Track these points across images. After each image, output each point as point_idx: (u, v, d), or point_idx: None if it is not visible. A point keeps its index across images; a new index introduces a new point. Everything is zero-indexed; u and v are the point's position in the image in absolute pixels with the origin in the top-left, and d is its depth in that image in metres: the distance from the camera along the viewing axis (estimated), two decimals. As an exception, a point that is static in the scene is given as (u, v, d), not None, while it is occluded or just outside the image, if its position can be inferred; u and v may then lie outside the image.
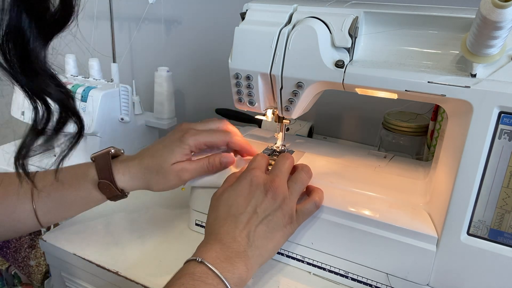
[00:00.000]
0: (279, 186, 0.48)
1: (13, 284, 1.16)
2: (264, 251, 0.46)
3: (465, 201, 0.44)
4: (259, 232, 0.46)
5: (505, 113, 0.41)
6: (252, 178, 0.48)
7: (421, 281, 0.48)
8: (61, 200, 0.53)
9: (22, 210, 0.51)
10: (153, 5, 0.99)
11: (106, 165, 0.53)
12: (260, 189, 0.47)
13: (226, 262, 0.42)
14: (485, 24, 0.36)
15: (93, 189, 0.53)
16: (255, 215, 0.46)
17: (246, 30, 0.54)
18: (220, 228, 0.45)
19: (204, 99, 1.16)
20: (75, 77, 0.98)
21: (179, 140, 0.54)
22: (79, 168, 0.54)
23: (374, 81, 0.48)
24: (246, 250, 0.44)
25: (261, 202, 0.47)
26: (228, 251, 0.43)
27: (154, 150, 0.55)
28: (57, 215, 0.54)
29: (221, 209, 0.47)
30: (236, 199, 0.47)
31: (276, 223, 0.47)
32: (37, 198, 0.51)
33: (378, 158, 0.64)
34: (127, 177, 0.53)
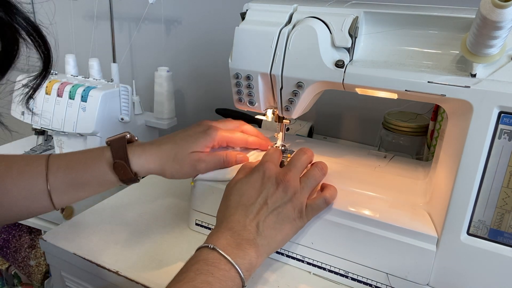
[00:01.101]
0: (290, 180, 0.49)
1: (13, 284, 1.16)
2: (272, 242, 0.47)
3: (465, 201, 0.44)
4: (268, 223, 0.47)
5: (505, 113, 0.41)
6: (265, 170, 0.50)
7: (421, 281, 0.48)
8: (75, 181, 0.53)
9: (36, 191, 0.51)
10: (153, 5, 0.99)
11: (122, 147, 0.53)
12: (271, 181, 0.49)
13: (237, 248, 0.44)
14: (485, 24, 0.36)
15: (108, 170, 0.53)
16: (265, 206, 0.47)
17: (246, 30, 0.54)
18: (231, 216, 0.47)
19: (204, 99, 1.17)
20: (75, 77, 0.98)
21: (204, 132, 0.56)
22: (94, 150, 0.55)
23: (374, 81, 0.48)
24: (255, 238, 0.46)
25: (272, 194, 0.48)
26: (239, 238, 0.45)
27: (177, 138, 0.56)
28: (71, 196, 0.54)
29: (232, 198, 0.49)
30: (248, 189, 0.49)
31: (285, 215, 0.48)
32: (51, 178, 0.52)
33: (378, 158, 0.64)
34: (143, 160, 0.53)
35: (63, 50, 1.04)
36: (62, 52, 1.00)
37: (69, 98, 0.88)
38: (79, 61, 1.04)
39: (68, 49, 1.09)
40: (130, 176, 0.53)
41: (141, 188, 0.76)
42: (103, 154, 0.53)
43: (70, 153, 0.55)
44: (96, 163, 0.53)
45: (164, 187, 0.77)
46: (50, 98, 0.89)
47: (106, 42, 1.12)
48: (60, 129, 0.89)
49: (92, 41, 1.10)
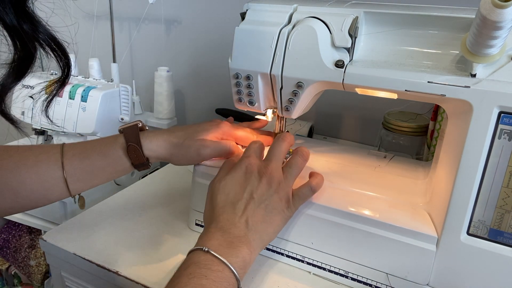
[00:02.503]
0: (273, 171, 0.49)
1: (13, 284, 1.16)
2: (264, 235, 0.47)
3: (465, 201, 0.44)
4: (257, 217, 0.47)
5: (505, 113, 0.41)
6: (247, 165, 0.50)
7: (421, 281, 0.48)
8: (90, 167, 0.54)
9: (53, 178, 0.52)
10: (153, 5, 0.99)
11: (134, 133, 0.55)
12: (254, 175, 0.49)
13: (228, 247, 0.43)
14: (485, 24, 0.36)
15: (122, 155, 0.55)
16: (252, 201, 0.48)
17: (246, 30, 0.54)
18: (219, 216, 0.47)
19: (204, 99, 1.17)
20: (75, 77, 0.98)
21: (216, 125, 0.59)
22: (107, 138, 0.57)
23: (374, 81, 0.48)
24: (246, 234, 0.46)
25: (256, 187, 0.48)
26: (230, 237, 0.45)
27: (188, 127, 0.59)
28: (86, 183, 0.55)
29: (219, 198, 0.49)
30: (233, 187, 0.49)
31: (273, 207, 0.48)
32: (67, 166, 0.53)
33: (378, 158, 0.64)
34: (154, 145, 0.56)
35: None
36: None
37: (69, 98, 0.88)
38: (79, 61, 1.05)
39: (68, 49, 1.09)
40: (142, 160, 0.55)
41: (141, 188, 0.76)
42: (116, 140, 0.56)
43: (83, 141, 0.57)
44: (110, 148, 0.55)
45: (164, 187, 0.77)
46: (50, 98, 0.89)
47: (106, 42, 1.12)
48: (60, 129, 0.89)
49: (92, 41, 1.10)
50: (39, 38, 0.35)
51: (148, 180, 0.80)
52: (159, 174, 0.83)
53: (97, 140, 0.57)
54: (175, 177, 0.81)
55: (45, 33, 0.35)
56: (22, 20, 0.33)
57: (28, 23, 0.33)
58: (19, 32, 0.33)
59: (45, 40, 0.35)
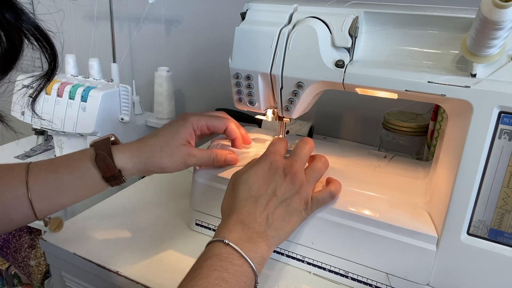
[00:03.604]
0: (297, 172, 0.49)
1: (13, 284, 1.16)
2: (281, 233, 0.47)
3: (465, 201, 0.44)
4: (278, 214, 0.47)
5: (505, 113, 0.41)
6: (272, 161, 0.49)
7: (421, 281, 0.48)
8: (56, 183, 0.51)
9: (15, 196, 0.49)
10: (153, 5, 0.99)
11: (105, 144, 0.53)
12: (279, 172, 0.49)
13: (248, 242, 0.43)
14: (485, 24, 0.36)
15: (90, 167, 0.51)
16: (275, 198, 0.47)
17: (246, 30, 0.54)
18: (241, 209, 0.46)
19: (204, 99, 1.17)
20: (75, 77, 0.98)
21: (182, 120, 0.57)
22: (76, 151, 0.54)
23: (374, 81, 0.48)
24: (266, 230, 0.45)
25: (280, 185, 0.48)
26: (250, 231, 0.44)
27: (159, 132, 0.56)
28: (53, 201, 0.51)
29: (241, 189, 0.48)
30: (256, 180, 0.48)
31: (293, 207, 0.48)
32: (32, 183, 0.50)
33: (378, 158, 0.64)
34: (127, 155, 0.53)
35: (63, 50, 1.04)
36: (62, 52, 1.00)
37: (69, 98, 0.88)
38: (79, 61, 1.04)
39: (68, 49, 1.09)
40: (113, 171, 0.52)
41: (141, 188, 0.76)
42: (85, 152, 0.53)
43: (52, 158, 0.54)
44: (78, 160, 0.52)
45: (164, 187, 0.77)
46: (50, 98, 0.89)
47: (106, 42, 1.12)
48: (60, 129, 0.89)
49: (92, 41, 1.10)
50: (23, 28, 0.33)
51: (148, 180, 0.80)
52: (159, 174, 0.82)
53: (65, 155, 0.54)
54: (175, 177, 0.81)
55: (28, 22, 0.33)
56: (4, 8, 0.31)
57: (10, 11, 0.31)
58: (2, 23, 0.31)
59: (29, 29, 0.33)
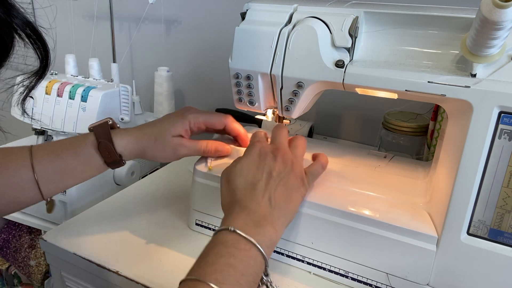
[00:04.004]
0: (285, 152, 0.50)
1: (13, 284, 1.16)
2: (287, 211, 0.47)
3: (465, 201, 0.44)
4: (279, 194, 0.47)
5: (505, 113, 0.41)
6: (259, 148, 0.50)
7: (421, 281, 0.48)
8: (61, 167, 0.53)
9: (23, 180, 0.51)
10: (153, 5, 0.99)
11: (105, 130, 0.55)
12: (269, 155, 0.49)
13: (254, 226, 0.43)
14: (485, 24, 0.36)
15: (93, 153, 0.54)
16: (272, 179, 0.47)
17: (246, 30, 0.54)
18: (242, 197, 0.46)
19: (204, 99, 1.17)
20: (75, 77, 0.98)
21: (181, 115, 0.58)
22: (77, 136, 0.57)
23: (374, 81, 0.48)
24: (271, 213, 0.45)
25: (274, 166, 0.48)
26: (255, 216, 0.44)
27: (155, 121, 0.58)
28: (58, 184, 0.54)
29: (238, 181, 0.48)
30: (250, 169, 0.49)
31: (292, 184, 0.48)
32: (37, 167, 0.52)
33: (378, 158, 0.64)
34: (125, 141, 0.55)
35: (63, 50, 1.04)
36: (62, 52, 1.01)
37: (69, 98, 0.87)
38: (79, 61, 1.04)
39: (68, 49, 1.09)
40: (115, 157, 0.55)
41: (141, 188, 0.76)
42: (87, 138, 0.55)
43: (52, 141, 0.56)
44: (81, 146, 0.54)
45: (164, 187, 0.77)
46: (50, 98, 0.89)
47: (106, 42, 1.12)
48: (60, 129, 0.89)
49: (92, 41, 1.10)
50: (13, 23, 0.32)
51: (148, 180, 0.80)
52: (159, 174, 0.83)
53: (66, 140, 0.56)
54: (175, 177, 0.81)
55: (19, 18, 0.32)
56: None
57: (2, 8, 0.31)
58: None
59: (20, 25, 0.33)
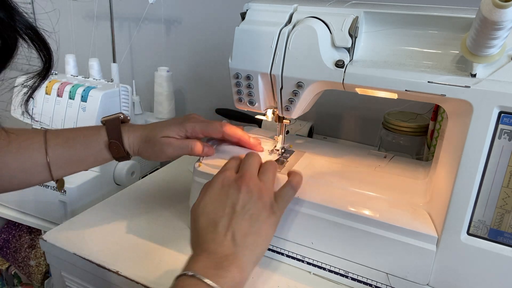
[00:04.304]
0: (250, 179, 0.48)
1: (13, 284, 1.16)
2: (255, 247, 0.45)
3: (465, 201, 0.44)
4: (243, 230, 0.45)
5: (505, 113, 0.41)
6: (222, 179, 0.49)
7: (421, 281, 0.48)
8: (73, 157, 0.57)
9: (36, 164, 0.54)
10: (153, 5, 0.99)
11: (116, 128, 0.57)
12: (233, 186, 0.47)
13: (215, 269, 0.41)
14: (485, 24, 0.36)
15: (103, 149, 0.57)
16: (235, 214, 0.45)
17: (246, 30, 0.54)
18: (204, 237, 0.45)
19: (204, 99, 1.16)
20: (75, 77, 0.98)
21: (180, 123, 0.59)
22: (90, 129, 0.59)
23: (374, 81, 0.48)
24: (235, 252, 0.43)
25: (237, 199, 0.46)
26: (216, 257, 0.42)
27: (158, 123, 0.60)
28: (68, 170, 0.58)
29: (201, 220, 0.47)
30: (213, 204, 0.47)
31: (258, 216, 0.46)
32: (50, 153, 0.55)
33: (378, 158, 0.64)
34: (131, 141, 0.58)
35: (63, 50, 1.04)
36: (62, 52, 1.00)
37: (69, 98, 0.87)
38: (79, 61, 1.04)
39: (68, 49, 1.09)
40: (123, 154, 0.58)
41: (141, 188, 0.76)
42: (99, 133, 0.58)
43: (66, 130, 0.59)
44: (93, 141, 0.57)
45: (164, 187, 0.77)
46: (50, 98, 0.89)
47: (106, 42, 1.12)
48: (60, 129, 0.89)
49: (92, 41, 1.10)
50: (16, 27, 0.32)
51: (148, 180, 0.80)
52: (159, 174, 0.83)
53: (79, 130, 0.59)
54: (175, 177, 0.81)
55: (22, 21, 0.33)
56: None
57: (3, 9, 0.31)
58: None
59: (22, 28, 0.33)
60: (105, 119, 0.59)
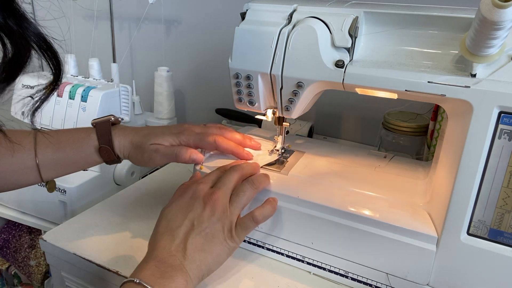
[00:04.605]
0: (218, 199, 0.48)
1: (13, 284, 1.16)
2: (202, 264, 0.45)
3: (465, 201, 0.44)
4: (195, 245, 0.45)
5: (505, 113, 0.41)
6: (194, 191, 0.49)
7: (421, 281, 0.48)
8: (63, 160, 0.56)
9: (26, 166, 0.54)
10: (153, 5, 0.99)
11: (106, 131, 0.57)
12: (199, 201, 0.48)
13: (162, 277, 0.42)
14: (484, 24, 0.36)
15: (94, 153, 0.57)
16: (193, 228, 0.46)
17: (246, 30, 0.54)
18: (157, 244, 0.45)
19: (204, 99, 1.16)
20: (75, 77, 0.98)
21: (174, 134, 0.58)
22: (80, 132, 0.58)
23: (374, 81, 0.48)
24: (182, 263, 0.44)
25: (199, 214, 0.47)
26: (164, 266, 0.43)
27: (153, 130, 0.59)
28: (59, 172, 0.57)
29: (161, 224, 0.48)
30: (176, 213, 0.48)
31: (214, 236, 0.47)
32: (40, 155, 0.54)
33: (378, 158, 0.64)
34: (122, 145, 0.58)
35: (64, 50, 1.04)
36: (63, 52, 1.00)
37: (69, 98, 0.87)
38: (79, 61, 1.04)
39: (68, 49, 1.09)
40: (113, 158, 0.58)
41: (140, 188, 0.76)
42: (89, 137, 0.57)
43: (57, 132, 0.58)
44: (83, 145, 0.57)
45: (164, 187, 0.77)
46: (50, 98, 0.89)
47: (106, 42, 1.12)
48: (60, 129, 0.89)
49: (92, 41, 1.10)
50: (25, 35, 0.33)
51: (148, 180, 0.80)
52: (159, 174, 0.83)
53: (70, 133, 0.58)
54: (175, 177, 0.81)
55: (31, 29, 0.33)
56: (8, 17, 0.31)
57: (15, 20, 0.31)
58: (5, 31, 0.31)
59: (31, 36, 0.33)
60: (96, 121, 0.58)
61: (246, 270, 0.55)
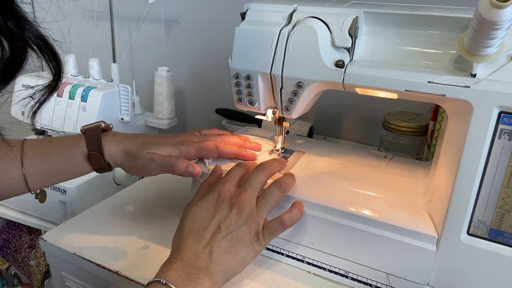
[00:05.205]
0: (245, 201, 0.47)
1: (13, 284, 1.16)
2: (228, 267, 0.45)
3: (465, 201, 0.44)
4: (222, 248, 0.45)
5: (505, 113, 0.41)
6: (220, 191, 0.49)
7: (421, 281, 0.48)
8: (51, 169, 0.54)
9: (12, 177, 0.52)
10: (153, 5, 0.99)
11: (96, 138, 0.54)
12: (225, 203, 0.47)
13: (188, 279, 0.42)
14: (483, 24, 0.36)
15: (82, 161, 0.54)
16: (219, 231, 0.46)
17: (246, 30, 0.54)
18: (183, 244, 0.45)
19: (204, 99, 1.16)
20: (75, 77, 0.98)
21: (174, 145, 0.56)
22: (69, 139, 0.56)
23: (374, 81, 0.48)
24: (208, 266, 0.44)
25: (225, 217, 0.47)
26: (190, 267, 0.43)
27: (149, 140, 0.56)
28: (46, 182, 0.55)
29: (187, 223, 0.47)
30: (202, 213, 0.47)
31: (240, 239, 0.46)
32: (27, 165, 0.52)
33: (378, 158, 0.64)
34: (113, 153, 0.55)
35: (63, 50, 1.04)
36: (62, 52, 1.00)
37: (69, 98, 0.88)
38: (79, 61, 1.05)
39: (68, 49, 1.09)
40: (103, 166, 0.55)
41: (141, 188, 0.76)
42: (78, 144, 0.55)
43: (45, 140, 0.56)
44: (71, 153, 0.54)
45: (164, 187, 0.77)
46: (50, 98, 0.89)
47: (106, 42, 1.12)
48: (60, 129, 0.89)
49: (92, 41, 1.10)
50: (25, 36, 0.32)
51: (148, 180, 0.80)
52: (159, 174, 0.83)
53: (58, 140, 0.56)
54: (175, 177, 0.81)
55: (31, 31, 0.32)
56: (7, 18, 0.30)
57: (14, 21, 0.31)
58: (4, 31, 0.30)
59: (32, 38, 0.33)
60: (85, 128, 0.56)
61: (246, 270, 0.55)
